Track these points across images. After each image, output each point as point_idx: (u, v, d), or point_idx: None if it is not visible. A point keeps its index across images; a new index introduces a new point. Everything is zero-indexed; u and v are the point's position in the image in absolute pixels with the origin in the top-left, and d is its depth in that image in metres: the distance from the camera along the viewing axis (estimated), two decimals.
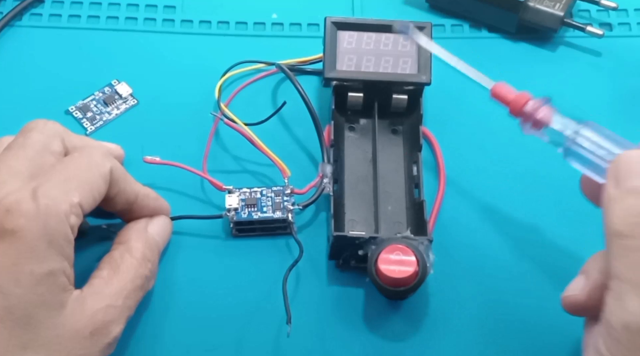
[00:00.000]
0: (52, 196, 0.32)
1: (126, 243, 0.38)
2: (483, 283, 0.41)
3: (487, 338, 0.40)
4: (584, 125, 0.34)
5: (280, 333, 0.39)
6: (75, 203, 0.33)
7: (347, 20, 0.45)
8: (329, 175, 0.42)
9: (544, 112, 0.36)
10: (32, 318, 0.32)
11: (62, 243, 0.33)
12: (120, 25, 0.51)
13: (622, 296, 0.29)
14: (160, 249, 0.40)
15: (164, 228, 0.40)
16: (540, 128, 0.36)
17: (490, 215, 0.44)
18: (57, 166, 0.35)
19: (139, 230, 0.39)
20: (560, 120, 0.35)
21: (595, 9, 0.53)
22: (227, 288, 0.41)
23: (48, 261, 0.32)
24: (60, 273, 0.33)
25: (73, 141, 0.38)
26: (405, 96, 0.45)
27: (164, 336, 0.39)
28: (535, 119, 0.36)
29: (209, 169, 0.43)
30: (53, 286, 0.32)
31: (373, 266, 0.38)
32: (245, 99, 0.47)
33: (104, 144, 0.42)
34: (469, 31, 0.52)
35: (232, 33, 0.52)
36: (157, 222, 0.40)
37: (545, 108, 0.36)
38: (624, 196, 0.30)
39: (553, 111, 0.36)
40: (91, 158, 0.36)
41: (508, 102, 0.37)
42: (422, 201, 0.41)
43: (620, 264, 0.29)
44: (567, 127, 0.35)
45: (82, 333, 0.33)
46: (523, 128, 0.36)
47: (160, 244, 0.40)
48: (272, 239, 0.42)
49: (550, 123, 0.35)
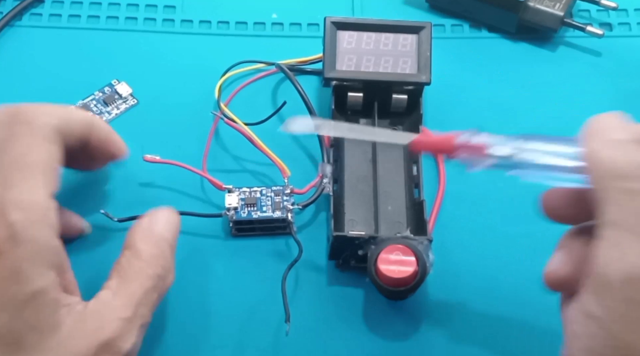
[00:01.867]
0: (21, 205, 0.29)
1: (132, 246, 0.35)
2: (483, 283, 0.41)
3: (487, 338, 0.40)
4: (524, 137, 0.32)
5: (279, 332, 0.39)
6: (47, 196, 0.30)
7: (347, 20, 0.45)
8: (329, 175, 0.42)
9: (480, 138, 0.33)
10: (21, 344, 0.29)
11: (47, 253, 0.30)
12: (120, 25, 0.51)
13: (622, 245, 0.27)
14: (170, 244, 0.36)
15: (169, 221, 0.37)
16: (482, 156, 0.33)
17: (490, 215, 0.44)
18: (5, 159, 0.31)
19: (144, 230, 0.36)
20: (499, 140, 0.32)
21: (595, 9, 0.53)
22: (226, 288, 0.41)
23: (32, 280, 0.29)
24: (49, 290, 0.30)
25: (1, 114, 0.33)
26: (405, 96, 0.45)
27: (163, 336, 0.39)
28: (473, 146, 0.33)
29: (209, 169, 0.43)
30: (41, 306, 0.30)
31: (373, 266, 0.38)
32: (245, 99, 0.47)
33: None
34: (469, 31, 0.52)
35: (232, 33, 0.52)
36: (161, 217, 0.37)
37: (480, 135, 0.33)
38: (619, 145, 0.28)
39: (487, 135, 0.33)
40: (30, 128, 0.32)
41: (438, 142, 0.33)
42: (422, 201, 0.41)
43: (616, 209, 0.27)
44: (508, 145, 0.32)
45: (84, 354, 0.31)
46: (467, 164, 0.33)
47: (170, 238, 0.36)
48: (272, 239, 0.42)
49: (490, 146, 0.32)
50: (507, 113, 0.48)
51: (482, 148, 0.33)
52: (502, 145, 0.32)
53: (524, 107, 0.48)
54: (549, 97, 0.49)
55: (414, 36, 0.45)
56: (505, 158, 0.32)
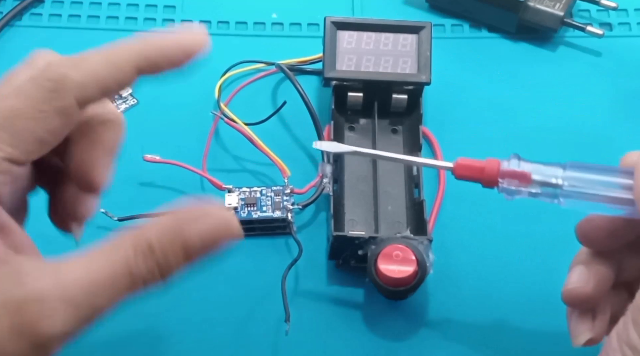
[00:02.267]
0: None
1: (140, 227, 0.27)
2: (483, 282, 0.41)
3: (487, 338, 0.40)
4: (567, 166, 0.31)
5: (279, 332, 0.39)
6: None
7: (347, 20, 0.45)
8: (329, 175, 0.42)
9: (524, 166, 0.31)
10: None
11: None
12: (120, 25, 0.51)
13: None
14: (190, 252, 0.27)
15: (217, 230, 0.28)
16: (526, 184, 0.31)
17: (490, 215, 0.44)
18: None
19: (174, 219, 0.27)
20: (543, 169, 0.31)
21: (595, 9, 0.53)
22: (226, 288, 0.41)
23: None
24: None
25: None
26: (405, 96, 0.45)
27: (163, 335, 0.39)
28: (520, 174, 0.31)
29: (209, 169, 0.43)
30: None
31: (373, 266, 0.38)
32: (245, 98, 0.47)
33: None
34: (469, 31, 0.52)
35: (232, 33, 0.52)
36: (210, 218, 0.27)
37: (523, 162, 0.32)
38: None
39: (530, 162, 0.32)
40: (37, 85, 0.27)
41: (481, 169, 0.32)
42: (422, 201, 0.41)
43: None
44: (554, 175, 0.31)
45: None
46: (507, 193, 0.32)
47: (197, 245, 0.27)
48: (272, 239, 0.42)
49: (533, 176, 0.31)
50: (507, 113, 0.48)
51: (526, 176, 0.31)
52: (547, 174, 0.31)
53: (524, 107, 0.48)
54: (549, 97, 0.49)
55: (414, 36, 0.45)
56: (549, 187, 0.31)
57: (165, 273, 0.27)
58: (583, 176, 0.31)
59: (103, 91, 0.29)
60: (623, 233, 0.32)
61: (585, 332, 0.33)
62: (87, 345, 0.38)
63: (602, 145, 0.47)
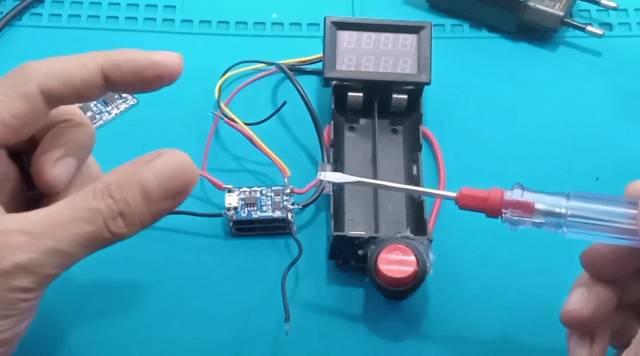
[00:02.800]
0: None
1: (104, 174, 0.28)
2: (483, 283, 0.41)
3: (487, 338, 0.40)
4: (570, 196, 0.32)
5: (279, 332, 0.39)
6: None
7: (347, 20, 0.45)
8: None
9: (528, 195, 0.32)
10: None
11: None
12: (120, 25, 0.51)
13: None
14: (149, 192, 0.28)
15: (170, 168, 0.29)
16: (529, 215, 0.32)
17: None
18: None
19: (132, 163, 0.28)
20: (547, 199, 0.32)
21: (595, 9, 0.53)
22: (226, 288, 0.41)
23: None
24: None
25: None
26: (405, 96, 0.45)
27: (163, 335, 0.39)
28: (523, 205, 0.32)
29: (209, 168, 0.43)
30: None
31: (373, 266, 0.38)
32: (245, 98, 0.47)
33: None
34: (469, 31, 0.52)
35: (232, 33, 0.52)
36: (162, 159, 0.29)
37: (526, 191, 0.32)
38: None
39: (533, 192, 0.32)
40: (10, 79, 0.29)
41: (484, 199, 0.32)
42: (422, 200, 0.41)
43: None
44: (557, 205, 0.32)
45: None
46: (510, 223, 0.33)
47: (152, 185, 0.28)
48: (272, 239, 0.42)
49: (536, 206, 0.32)
50: (507, 113, 0.48)
51: (529, 206, 0.32)
52: (551, 204, 0.32)
53: (524, 107, 0.48)
54: (549, 97, 0.49)
55: (414, 36, 0.45)
56: (553, 217, 0.32)
57: (127, 214, 0.27)
58: (587, 206, 0.31)
59: (67, 84, 0.30)
60: (628, 262, 0.31)
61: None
62: (87, 344, 0.39)
63: (602, 145, 0.47)
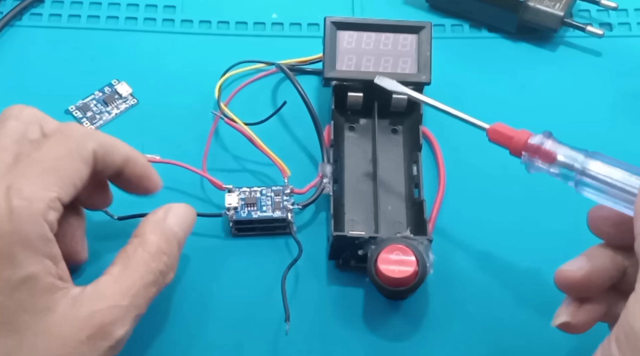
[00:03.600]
0: (26, 195, 0.31)
1: (141, 236, 0.35)
2: (483, 282, 0.41)
3: (487, 338, 0.40)
4: (591, 155, 0.33)
5: (279, 332, 0.39)
6: (54, 197, 0.31)
7: (347, 20, 0.45)
8: (329, 175, 0.42)
9: (550, 145, 0.34)
10: (14, 324, 0.30)
11: (40, 243, 0.31)
12: (120, 25, 0.51)
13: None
14: (180, 241, 0.36)
15: (185, 217, 0.37)
16: (548, 163, 0.34)
17: (490, 215, 0.44)
18: (34, 155, 0.32)
19: (156, 222, 0.36)
20: (567, 152, 0.34)
21: (595, 9, 0.53)
22: (226, 288, 0.41)
23: (25, 265, 0.30)
24: (43, 275, 0.31)
25: (51, 125, 0.35)
26: (405, 96, 0.45)
27: (163, 335, 0.39)
28: (543, 152, 0.34)
29: (209, 168, 0.43)
30: (34, 290, 0.31)
31: (373, 266, 0.38)
32: (245, 98, 0.47)
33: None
34: (469, 31, 0.52)
35: (232, 33, 0.52)
36: (176, 211, 0.37)
37: (551, 141, 0.34)
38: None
39: (557, 143, 0.34)
40: (69, 142, 0.33)
41: (510, 138, 0.35)
42: (422, 201, 0.41)
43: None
44: (575, 160, 0.33)
45: (76, 337, 0.31)
46: (528, 166, 0.35)
47: (181, 235, 0.36)
48: (272, 239, 0.42)
49: (557, 156, 0.34)
50: (507, 113, 0.48)
51: (550, 155, 0.34)
52: (570, 157, 0.33)
53: (524, 107, 0.48)
54: (549, 97, 0.49)
55: (414, 36, 0.45)
56: (569, 169, 0.33)
57: (174, 265, 0.36)
58: (604, 167, 0.32)
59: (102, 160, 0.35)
60: (628, 229, 0.31)
61: (563, 315, 0.34)
62: None
63: (602, 145, 0.46)
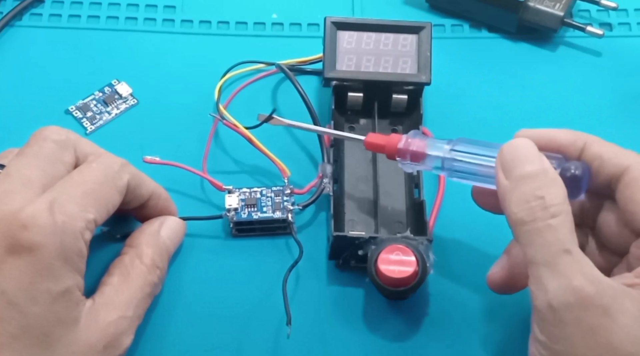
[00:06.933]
0: (68, 211, 0.32)
1: (137, 247, 0.37)
2: (483, 282, 0.41)
3: (487, 338, 0.40)
4: (455, 142, 0.36)
5: (280, 333, 0.39)
6: (91, 219, 0.33)
7: (347, 20, 0.45)
8: (329, 175, 0.42)
9: (417, 144, 0.37)
10: (49, 336, 0.32)
11: (77, 259, 0.32)
12: (120, 25, 0.51)
13: (540, 278, 0.31)
14: (170, 254, 0.39)
15: (176, 231, 0.40)
16: (420, 160, 0.37)
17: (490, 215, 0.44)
18: (75, 177, 0.34)
19: (151, 234, 0.38)
20: (434, 145, 0.37)
21: (595, 9, 0.53)
22: (226, 288, 0.41)
23: (64, 278, 0.32)
24: (75, 289, 0.32)
25: (85, 149, 0.36)
26: (405, 96, 0.45)
27: (164, 336, 0.39)
28: (412, 153, 0.37)
29: (209, 169, 0.43)
30: (69, 302, 0.32)
31: (373, 266, 0.38)
32: (245, 99, 0.47)
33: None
34: (469, 31, 0.52)
35: (232, 33, 0.52)
36: (169, 225, 0.39)
37: (417, 140, 0.37)
38: (515, 185, 0.32)
39: (425, 140, 0.37)
40: (109, 170, 0.35)
41: (382, 147, 0.38)
42: (422, 201, 0.41)
43: (530, 249, 0.31)
44: (441, 150, 0.36)
45: (95, 347, 0.33)
46: (404, 167, 0.38)
47: (171, 248, 0.39)
48: (272, 239, 0.42)
49: (425, 151, 0.37)
50: (507, 113, 0.48)
51: (418, 155, 0.37)
52: (435, 150, 0.37)
53: (524, 107, 0.48)
54: (549, 97, 0.49)
55: (414, 36, 0.45)
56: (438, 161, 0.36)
57: (165, 276, 0.38)
58: (466, 148, 0.36)
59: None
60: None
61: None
62: None
63: None
